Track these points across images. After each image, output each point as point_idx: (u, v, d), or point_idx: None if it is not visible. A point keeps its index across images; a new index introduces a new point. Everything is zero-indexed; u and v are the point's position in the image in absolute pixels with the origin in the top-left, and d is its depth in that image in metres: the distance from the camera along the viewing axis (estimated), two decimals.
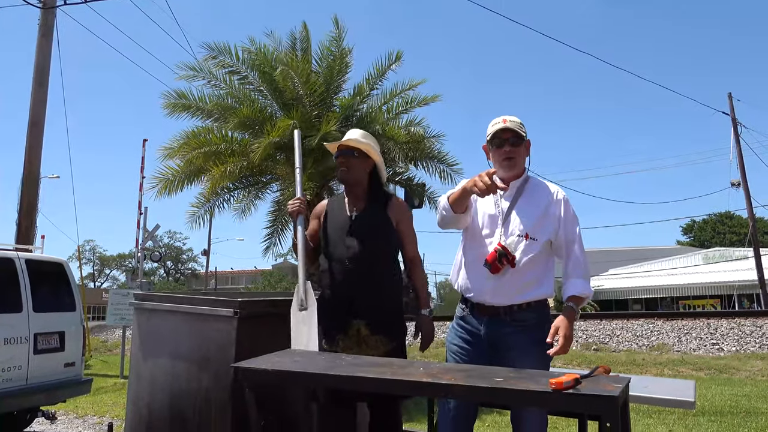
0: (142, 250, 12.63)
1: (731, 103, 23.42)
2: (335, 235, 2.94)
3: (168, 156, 9.15)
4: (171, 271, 65.16)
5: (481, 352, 2.51)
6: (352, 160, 2.95)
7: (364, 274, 2.82)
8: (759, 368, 9.19)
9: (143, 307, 3.16)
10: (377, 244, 2.86)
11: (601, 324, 12.59)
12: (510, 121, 2.60)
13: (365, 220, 2.91)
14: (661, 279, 32.41)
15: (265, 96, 9.33)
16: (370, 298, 2.80)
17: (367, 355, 2.64)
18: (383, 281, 2.84)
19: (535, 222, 2.53)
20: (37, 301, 5.43)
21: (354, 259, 2.84)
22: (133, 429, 3.10)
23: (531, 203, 2.58)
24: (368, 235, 2.86)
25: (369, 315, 2.78)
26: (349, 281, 2.84)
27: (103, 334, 17.39)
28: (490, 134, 2.62)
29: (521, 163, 2.64)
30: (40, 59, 9.98)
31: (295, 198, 3.04)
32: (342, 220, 2.95)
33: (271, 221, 10.01)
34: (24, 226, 9.60)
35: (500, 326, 2.49)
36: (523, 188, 2.63)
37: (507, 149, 2.58)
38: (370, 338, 2.79)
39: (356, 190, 3.00)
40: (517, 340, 2.46)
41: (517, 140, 2.59)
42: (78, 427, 6.32)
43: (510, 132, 2.57)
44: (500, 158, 2.60)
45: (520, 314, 2.49)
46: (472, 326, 2.56)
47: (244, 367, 2.18)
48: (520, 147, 2.61)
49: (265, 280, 46.85)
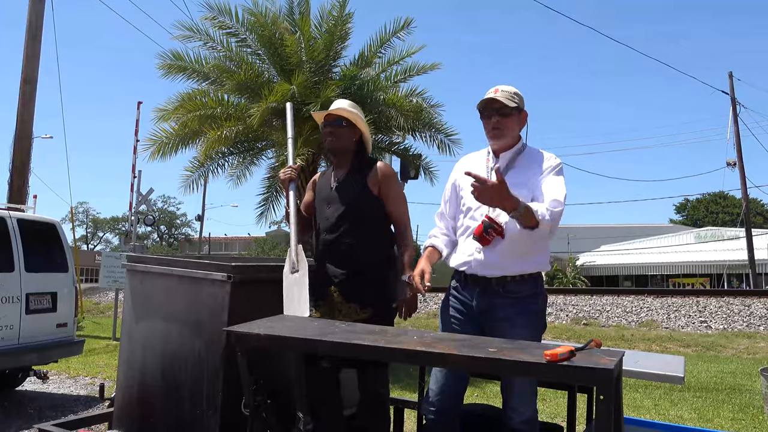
0: (135, 213, 12.54)
1: (731, 83, 23.30)
2: (318, 207, 3.02)
3: (162, 118, 9.05)
4: (164, 236, 65.15)
5: (473, 323, 2.51)
6: (340, 130, 2.96)
7: (340, 244, 2.85)
8: (745, 346, 9.33)
9: (136, 269, 3.14)
10: (353, 213, 2.86)
11: (592, 299, 12.71)
12: (501, 91, 2.55)
13: (342, 191, 2.93)
14: (653, 256, 32.68)
15: (263, 60, 9.19)
16: (343, 266, 2.83)
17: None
18: (358, 249, 2.83)
19: (525, 192, 2.44)
20: (30, 261, 5.40)
21: (330, 229, 2.89)
22: (125, 390, 3.10)
23: (522, 173, 2.53)
24: (344, 205, 2.88)
25: (341, 282, 2.83)
26: (326, 251, 2.90)
27: (96, 296, 17.43)
28: (479, 104, 2.59)
29: (510, 134, 2.58)
30: (33, 13, 9.78)
31: (287, 166, 3.12)
32: (325, 192, 3.01)
33: (266, 188, 9.96)
34: (16, 185, 9.52)
35: (492, 297, 2.47)
36: (515, 159, 2.58)
37: (495, 120, 2.55)
38: (343, 305, 2.81)
39: (342, 160, 3.02)
40: (510, 311, 2.45)
41: (506, 111, 2.54)
42: (70, 387, 6.36)
43: (498, 102, 2.53)
44: (488, 128, 2.58)
45: (513, 286, 2.46)
46: (465, 297, 2.55)
47: (236, 331, 2.18)
48: (509, 117, 2.55)
49: (258, 247, 46.93)
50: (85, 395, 5.95)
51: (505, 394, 2.49)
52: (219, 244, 60.90)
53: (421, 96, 9.23)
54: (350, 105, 3.06)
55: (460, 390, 2.58)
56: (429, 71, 9.27)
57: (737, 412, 5.24)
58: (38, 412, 5.22)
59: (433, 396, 2.53)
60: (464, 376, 2.59)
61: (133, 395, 3.05)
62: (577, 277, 30.63)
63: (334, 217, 2.89)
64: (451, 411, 2.54)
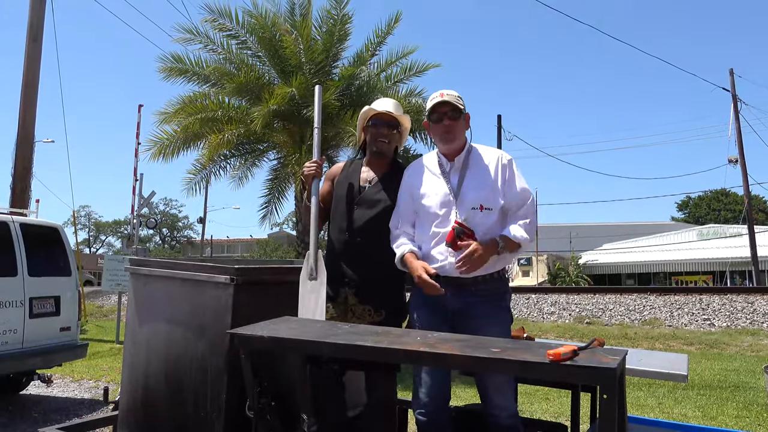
0: (137, 216, 12.56)
1: (732, 80, 23.26)
2: (342, 204, 2.89)
3: (164, 121, 9.06)
4: (167, 239, 65.20)
5: (444, 320, 2.52)
6: (393, 134, 2.89)
7: (362, 247, 2.79)
8: (749, 344, 9.31)
9: (139, 272, 3.14)
10: (382, 220, 2.79)
11: (594, 298, 12.69)
12: (447, 94, 2.58)
13: (374, 196, 2.85)
14: (655, 254, 32.64)
15: (263, 62, 9.20)
16: (362, 269, 2.78)
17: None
18: (380, 255, 2.76)
19: (487, 192, 2.54)
20: (32, 266, 5.41)
21: (354, 231, 2.81)
22: (129, 393, 3.11)
23: (479, 173, 2.59)
24: (375, 211, 2.81)
25: (358, 285, 2.77)
26: (345, 252, 2.82)
27: (99, 299, 17.44)
28: (428, 109, 2.62)
29: (461, 136, 2.64)
30: (34, 16, 9.78)
31: (312, 161, 2.91)
32: (352, 190, 2.89)
33: (268, 189, 9.96)
34: (18, 190, 9.52)
35: (465, 296, 2.50)
36: (468, 160, 2.63)
37: (446, 123, 2.58)
38: (357, 307, 2.78)
39: (380, 161, 2.93)
40: (483, 309, 2.50)
41: (455, 113, 2.59)
42: (74, 390, 6.37)
43: (448, 105, 2.57)
44: (440, 132, 2.61)
45: (485, 285, 2.52)
46: (437, 298, 2.52)
47: (240, 333, 2.18)
48: (459, 120, 2.60)
49: (260, 248, 46.95)
50: (89, 399, 5.95)
51: (487, 393, 2.50)
52: (221, 247, 60.97)
53: (421, 96, 9.24)
54: (397, 105, 2.95)
55: (447, 388, 2.61)
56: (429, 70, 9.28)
57: (741, 410, 5.23)
58: (43, 415, 5.23)
59: (423, 397, 2.55)
60: (448, 375, 2.62)
61: (137, 398, 3.05)
62: (579, 276, 30.62)
63: (361, 220, 2.80)
64: (442, 410, 2.58)
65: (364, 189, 2.87)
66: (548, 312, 12.27)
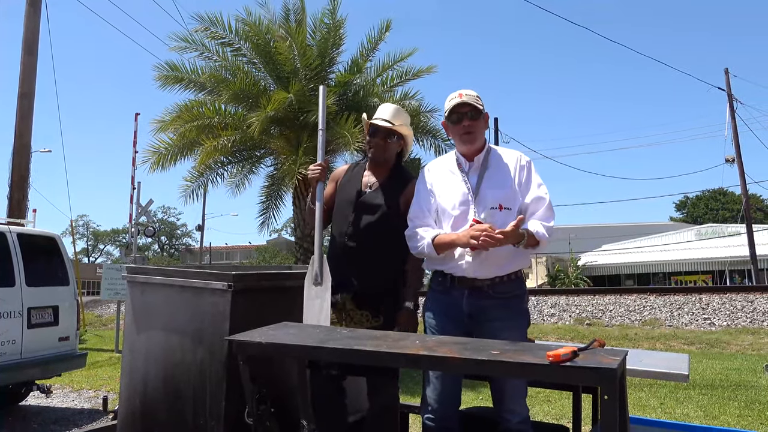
0: (135, 225, 12.53)
1: (727, 79, 23.33)
2: (342, 207, 2.88)
3: (161, 129, 9.06)
4: (165, 247, 65.13)
5: (459, 324, 2.49)
6: (391, 143, 2.88)
7: (361, 252, 2.77)
8: (749, 342, 9.31)
9: (136, 280, 3.12)
10: (382, 226, 2.78)
11: (594, 299, 12.69)
12: (466, 95, 2.55)
13: (375, 201, 2.83)
14: (654, 255, 32.68)
15: (258, 69, 9.20)
16: (360, 274, 2.76)
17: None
18: (379, 260, 2.76)
19: (507, 191, 2.52)
20: (30, 276, 5.40)
21: (354, 236, 2.80)
22: (128, 402, 3.09)
23: (498, 173, 2.57)
24: (375, 217, 2.79)
25: (356, 290, 2.76)
26: (345, 256, 2.81)
27: (98, 308, 17.40)
28: (447, 110, 2.59)
29: (481, 137, 2.62)
30: (29, 28, 9.79)
31: (316, 163, 2.87)
32: (353, 194, 2.88)
33: (266, 196, 9.96)
34: (15, 200, 9.51)
35: (482, 299, 2.47)
36: (487, 160, 2.61)
37: (466, 124, 2.55)
38: (355, 312, 2.77)
39: (381, 167, 2.92)
40: (500, 312, 2.46)
41: (476, 114, 2.56)
42: (73, 400, 6.34)
43: (468, 106, 2.54)
44: (460, 133, 2.58)
45: (502, 286, 2.48)
46: (452, 299, 2.52)
47: (238, 340, 2.17)
48: (479, 120, 2.58)
49: (259, 255, 46.92)
50: (88, 408, 5.93)
51: (498, 396, 2.48)
52: (220, 254, 60.88)
53: (416, 99, 9.26)
54: (397, 112, 2.93)
55: (457, 393, 2.57)
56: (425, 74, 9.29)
57: (743, 409, 5.22)
58: (42, 426, 5.21)
59: (432, 402, 2.51)
60: (459, 380, 2.58)
61: (136, 407, 3.03)
62: (579, 278, 30.60)
63: (360, 225, 2.80)
64: (451, 415, 2.53)
65: (364, 194, 2.87)
66: (548, 314, 12.26)
